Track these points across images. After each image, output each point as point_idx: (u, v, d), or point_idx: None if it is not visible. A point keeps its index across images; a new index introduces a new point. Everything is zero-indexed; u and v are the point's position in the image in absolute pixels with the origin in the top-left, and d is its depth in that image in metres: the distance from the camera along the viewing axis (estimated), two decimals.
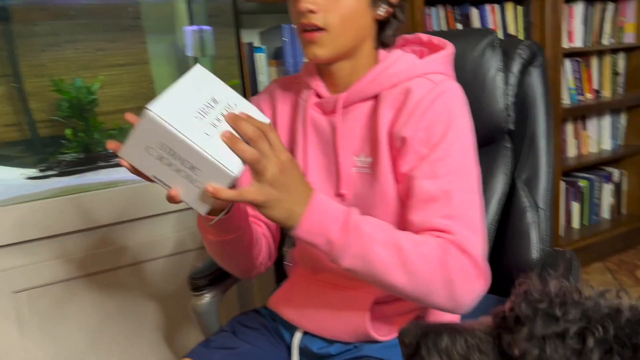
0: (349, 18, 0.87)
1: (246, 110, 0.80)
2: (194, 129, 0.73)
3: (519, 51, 1.13)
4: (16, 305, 1.25)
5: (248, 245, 0.93)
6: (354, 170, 0.93)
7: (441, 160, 0.84)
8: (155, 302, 1.43)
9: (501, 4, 2.43)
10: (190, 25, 1.72)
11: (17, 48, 1.57)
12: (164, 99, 0.73)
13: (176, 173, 0.74)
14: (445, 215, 0.81)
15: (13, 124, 1.61)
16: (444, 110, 0.86)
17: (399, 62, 0.92)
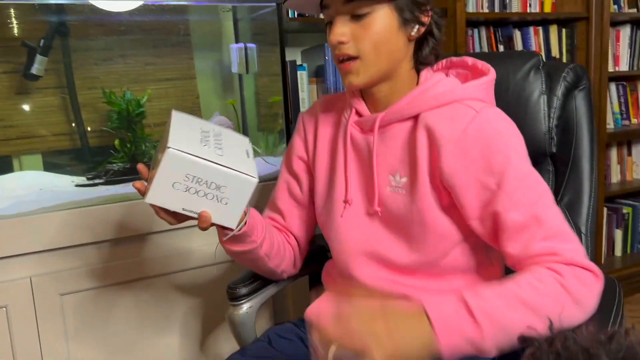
0: (381, 43, 0.88)
1: (229, 134, 0.92)
2: (208, 154, 0.82)
3: (564, 74, 1.12)
4: (62, 307, 1.29)
5: (266, 255, 1.01)
6: (388, 189, 0.94)
7: (517, 188, 0.84)
8: (193, 311, 1.45)
9: (545, 27, 2.41)
10: (236, 42, 1.77)
11: (73, 61, 1.64)
12: (175, 139, 0.81)
13: (204, 198, 0.83)
14: (542, 238, 0.83)
15: (65, 133, 1.69)
16: (495, 137, 0.86)
17: (439, 84, 0.92)
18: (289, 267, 1.09)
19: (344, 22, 0.88)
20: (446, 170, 0.87)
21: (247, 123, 1.84)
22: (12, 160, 1.64)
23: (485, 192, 0.86)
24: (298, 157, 1.08)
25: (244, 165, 0.85)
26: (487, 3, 2.26)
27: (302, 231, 1.11)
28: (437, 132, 0.88)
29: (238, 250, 0.97)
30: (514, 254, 0.85)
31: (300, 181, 1.08)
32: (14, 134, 1.62)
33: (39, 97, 1.64)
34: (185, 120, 0.90)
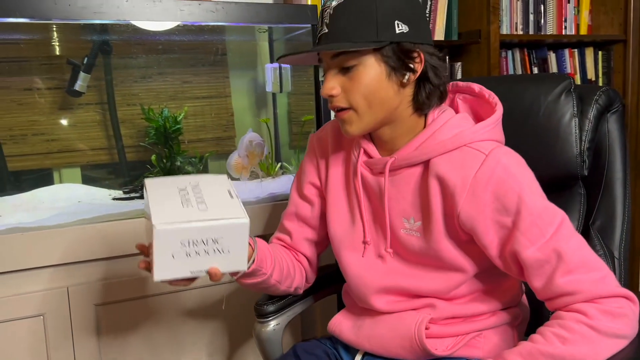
0: (370, 94, 0.89)
1: (206, 180, 0.94)
2: (192, 214, 0.84)
3: (596, 97, 1.11)
4: (96, 317, 1.33)
5: (277, 282, 1.04)
6: (403, 232, 0.96)
7: (533, 225, 0.85)
8: (221, 325, 1.47)
9: (581, 49, 2.39)
10: (271, 62, 1.81)
11: (114, 78, 1.71)
12: (156, 214, 0.84)
13: (207, 255, 0.85)
14: (564, 272, 0.83)
15: (104, 148, 1.75)
16: (506, 178, 0.86)
17: (446, 127, 0.92)
18: (300, 283, 1.12)
19: (334, 75, 0.89)
20: (463, 216, 0.88)
21: (280, 140, 1.87)
22: (53, 173, 1.71)
23: (503, 231, 0.87)
24: (310, 183, 1.10)
25: (231, 209, 0.87)
26: (522, 25, 2.26)
27: (310, 250, 1.13)
28: (449, 181, 0.89)
29: (250, 283, 1.01)
30: (539, 288, 0.86)
31: (312, 205, 1.10)
32: (55, 147, 1.69)
33: (81, 112, 1.71)
34: (160, 186, 0.92)
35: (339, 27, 0.86)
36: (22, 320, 1.26)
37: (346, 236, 1.03)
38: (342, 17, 0.86)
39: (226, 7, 1.38)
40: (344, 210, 1.04)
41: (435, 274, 0.95)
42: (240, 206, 0.88)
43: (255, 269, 0.97)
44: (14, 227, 1.27)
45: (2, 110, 1.62)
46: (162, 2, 1.32)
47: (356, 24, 0.86)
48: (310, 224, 1.11)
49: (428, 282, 0.95)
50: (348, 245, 1.03)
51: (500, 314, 0.99)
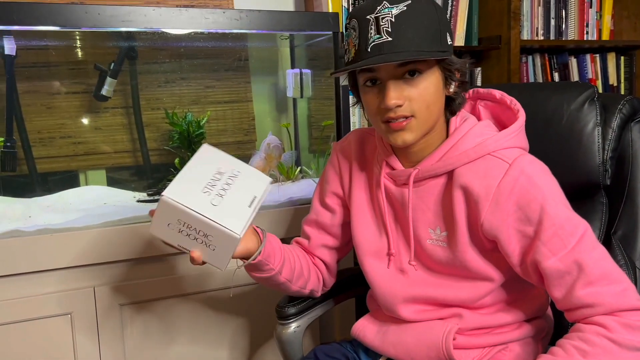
0: (432, 103, 0.90)
1: (248, 174, 0.98)
2: (201, 203, 0.89)
3: (620, 106, 1.11)
4: (121, 316, 1.36)
5: (288, 280, 1.06)
6: (429, 242, 0.97)
7: (554, 235, 0.85)
8: (243, 326, 1.49)
9: (602, 54, 2.38)
10: (292, 68, 1.83)
11: (139, 83, 1.75)
12: (176, 182, 0.90)
13: (195, 241, 0.91)
14: (585, 284, 0.84)
15: (129, 151, 1.78)
16: (529, 187, 0.87)
17: (469, 136, 0.93)
18: (316, 286, 1.13)
19: (397, 84, 0.88)
20: (487, 225, 0.89)
21: (300, 145, 1.89)
22: (79, 175, 1.75)
23: (525, 240, 0.88)
24: (332, 193, 1.11)
25: (235, 218, 0.90)
26: (543, 30, 2.25)
27: (328, 255, 1.13)
28: (473, 190, 0.90)
29: (257, 277, 1.03)
30: (559, 298, 0.87)
31: (333, 213, 1.11)
32: (82, 150, 1.73)
33: (107, 116, 1.75)
34: (207, 158, 0.97)
35: (407, 36, 0.85)
36: (50, 319, 1.30)
37: (371, 247, 1.04)
38: (408, 26, 0.85)
39: (250, 15, 1.41)
40: (369, 221, 1.05)
41: (462, 284, 0.96)
42: (247, 219, 0.92)
43: (262, 262, 0.99)
44: (44, 228, 1.30)
45: (32, 114, 1.66)
46: (188, 11, 1.35)
47: (423, 33, 0.86)
48: (330, 231, 1.12)
49: (455, 291, 0.96)
50: (373, 256, 1.04)
51: (526, 326, 0.99)
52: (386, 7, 0.86)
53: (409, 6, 0.86)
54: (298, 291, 1.10)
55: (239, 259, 0.99)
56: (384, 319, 1.07)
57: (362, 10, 0.88)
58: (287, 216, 1.50)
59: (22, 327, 1.28)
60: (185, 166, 0.94)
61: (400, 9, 0.86)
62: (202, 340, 1.45)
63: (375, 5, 0.87)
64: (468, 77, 0.97)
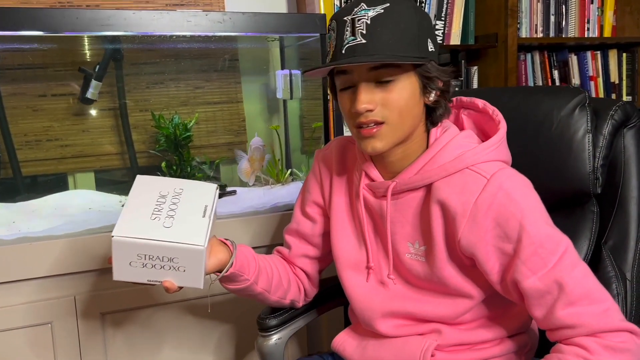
0: (405, 109, 0.86)
1: (192, 188, 0.96)
2: (154, 229, 0.87)
3: (611, 112, 1.07)
4: (103, 325, 1.34)
5: (265, 290, 1.04)
6: (408, 256, 0.94)
7: (533, 254, 0.82)
8: (227, 335, 1.48)
9: (604, 51, 2.32)
10: (282, 69, 1.80)
11: (126, 84, 1.72)
12: (122, 219, 0.88)
13: (162, 270, 0.88)
14: (565, 304, 0.81)
15: (116, 154, 1.76)
16: (507, 204, 0.84)
17: (448, 149, 0.90)
18: (297, 296, 1.11)
19: (369, 88, 0.85)
20: (464, 242, 0.86)
21: (290, 147, 1.86)
22: (67, 178, 1.73)
23: (505, 258, 0.85)
24: (313, 202, 1.09)
25: (193, 232, 0.88)
26: (542, 27, 2.20)
27: (309, 265, 1.12)
28: (450, 206, 0.87)
29: (233, 288, 1.01)
30: (539, 318, 0.84)
31: (314, 223, 1.09)
32: (69, 152, 1.71)
33: (94, 118, 1.72)
34: (145, 187, 0.95)
35: (381, 39, 0.83)
36: (30, 328, 1.28)
37: (350, 259, 1.02)
38: (383, 29, 0.83)
39: (234, 17, 1.38)
40: (348, 233, 1.03)
41: (441, 300, 0.93)
42: (205, 229, 0.89)
43: (235, 274, 0.97)
44: (23, 237, 1.29)
45: (18, 117, 1.64)
46: (169, 14, 1.32)
47: (399, 37, 0.83)
48: (311, 241, 1.10)
49: (434, 307, 0.94)
50: (352, 268, 1.02)
51: (508, 342, 0.97)
52: (363, 8, 0.84)
53: (386, 9, 0.83)
54: (278, 301, 1.09)
55: (213, 273, 0.97)
56: (363, 333, 1.04)
57: (341, 12, 0.87)
58: (274, 222, 1.47)
59: (1, 337, 1.26)
60: (126, 202, 0.92)
61: (377, 11, 0.83)
62: (186, 349, 1.43)
63: (353, 7, 0.85)
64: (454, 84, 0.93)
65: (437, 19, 2.00)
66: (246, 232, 1.42)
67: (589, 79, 2.31)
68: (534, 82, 2.25)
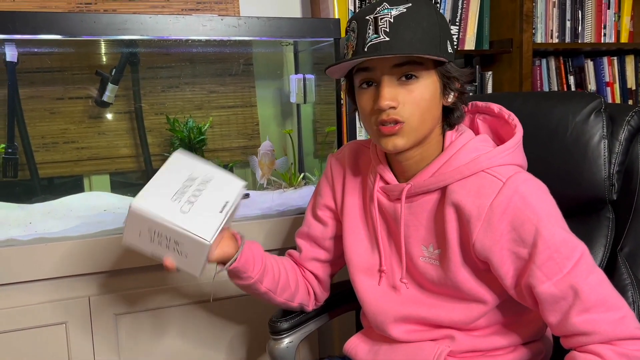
0: (426, 109, 0.87)
1: (221, 179, 0.97)
2: (171, 211, 0.88)
3: (628, 118, 1.06)
4: (116, 326, 1.35)
5: (270, 290, 1.04)
6: (422, 260, 0.93)
7: (549, 259, 0.81)
8: (239, 337, 1.48)
9: (620, 57, 2.30)
10: (295, 73, 1.81)
11: (142, 88, 1.74)
12: (145, 191, 0.90)
13: (167, 248, 0.90)
14: (580, 311, 0.80)
15: (131, 156, 1.78)
16: (523, 208, 0.83)
17: (463, 152, 0.90)
18: (306, 300, 1.11)
19: (392, 86, 0.85)
20: (478, 246, 0.85)
21: (303, 151, 1.86)
22: (83, 180, 1.75)
23: (519, 262, 0.84)
24: (325, 206, 1.09)
25: (205, 224, 0.89)
26: (558, 32, 2.19)
27: (320, 269, 1.11)
28: (464, 209, 0.86)
29: (238, 284, 1.03)
30: (554, 324, 0.83)
31: (325, 226, 1.09)
32: (85, 155, 1.73)
33: (109, 121, 1.74)
34: (179, 165, 0.97)
35: (404, 37, 0.83)
36: (44, 328, 1.30)
37: (363, 263, 1.01)
38: (406, 28, 0.83)
39: (248, 22, 1.39)
40: (361, 236, 1.02)
41: (455, 304, 0.92)
42: (217, 225, 0.91)
43: (239, 270, 0.98)
44: (39, 238, 1.30)
45: (36, 119, 1.66)
46: (185, 18, 1.33)
47: (422, 36, 0.84)
48: (321, 244, 1.10)
49: (448, 312, 0.93)
50: (364, 272, 1.01)
51: (522, 350, 0.96)
52: (386, 7, 0.84)
53: (408, 8, 0.84)
54: (284, 303, 1.09)
55: (217, 264, 0.98)
56: (376, 337, 1.04)
57: (362, 12, 0.87)
58: (286, 225, 1.48)
59: (16, 336, 1.28)
60: (156, 174, 0.94)
61: (399, 10, 0.84)
62: (198, 351, 1.44)
63: (375, 7, 0.86)
64: (469, 89, 0.93)
65: (452, 24, 1.99)
66: (258, 235, 1.42)
67: (605, 85, 2.29)
68: (549, 87, 2.23)
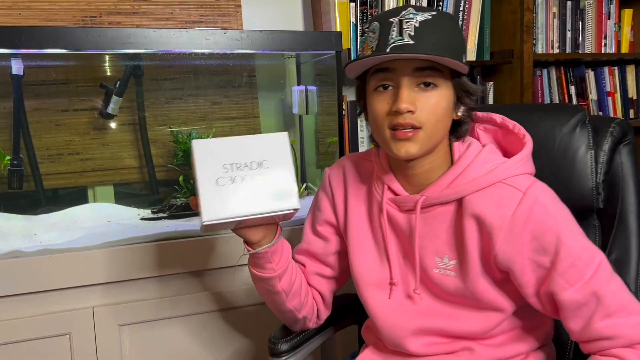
0: (441, 117, 0.87)
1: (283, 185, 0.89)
2: (210, 172, 0.85)
3: (610, 129, 1.09)
4: (120, 337, 1.36)
5: (284, 291, 0.99)
6: (436, 271, 0.93)
7: (571, 266, 0.83)
8: (243, 348, 1.48)
9: (621, 67, 2.31)
10: (298, 84, 1.82)
11: (145, 100, 1.76)
12: (216, 141, 0.87)
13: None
14: (604, 316, 0.82)
15: (135, 167, 1.79)
16: (544, 217, 0.84)
17: (477, 163, 0.90)
18: (310, 314, 1.07)
19: (411, 89, 0.85)
20: (501, 256, 0.86)
21: (306, 161, 1.88)
22: (87, 191, 1.77)
23: (540, 270, 0.85)
24: (325, 221, 1.06)
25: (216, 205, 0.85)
26: (558, 43, 2.20)
27: (325, 285, 1.08)
28: (485, 220, 0.86)
29: (257, 275, 0.98)
30: (576, 330, 0.84)
31: (327, 242, 1.06)
32: (89, 166, 1.75)
33: (113, 133, 1.76)
34: (269, 143, 0.91)
35: (429, 42, 0.83)
36: (49, 339, 1.31)
37: (373, 277, 0.99)
38: (431, 34, 0.84)
39: (251, 35, 1.40)
40: (369, 250, 1.00)
41: (472, 314, 0.92)
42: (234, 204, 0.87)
43: (266, 257, 0.95)
44: (43, 249, 1.31)
45: (41, 131, 1.68)
46: (188, 32, 1.35)
47: (445, 44, 0.84)
48: (324, 260, 1.07)
49: (466, 322, 0.92)
50: (374, 286, 0.99)
51: (533, 356, 0.96)
52: (411, 12, 0.85)
53: (433, 16, 0.85)
54: (291, 311, 1.04)
55: (245, 244, 0.96)
56: (388, 352, 1.01)
57: (386, 15, 0.87)
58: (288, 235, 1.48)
59: (20, 347, 1.29)
60: (244, 136, 0.90)
61: (425, 17, 0.84)
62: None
63: (400, 10, 0.86)
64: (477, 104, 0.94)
65: None
66: None
67: (606, 95, 2.30)
68: (550, 97, 2.24)
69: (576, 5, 2.21)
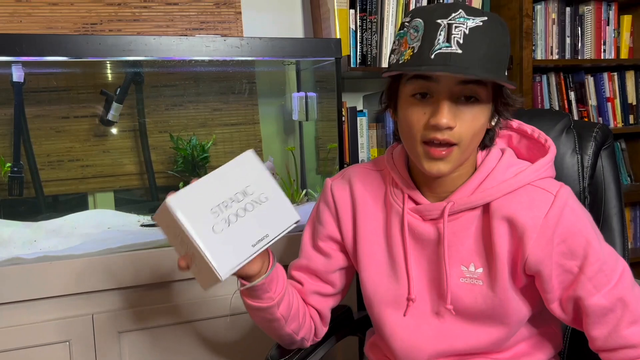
0: (478, 132, 0.83)
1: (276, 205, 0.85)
2: (202, 223, 0.78)
3: (594, 134, 1.12)
4: (120, 344, 1.36)
5: (283, 317, 0.93)
6: (462, 280, 0.89)
7: (599, 271, 0.82)
8: (242, 354, 1.48)
9: (621, 72, 2.32)
10: (298, 91, 1.83)
11: (146, 106, 1.76)
12: (189, 189, 0.81)
13: (186, 251, 0.81)
14: (629, 322, 0.81)
15: (135, 174, 1.80)
16: (575, 220, 0.84)
17: (501, 167, 0.88)
18: (308, 334, 1.02)
19: (452, 104, 0.80)
20: (532, 259, 0.83)
21: (305, 167, 1.88)
22: (88, 197, 1.77)
23: (567, 275, 0.84)
24: (328, 237, 1.00)
25: (227, 257, 0.80)
26: (558, 49, 2.21)
27: (323, 304, 1.02)
28: (518, 222, 0.84)
29: (254, 306, 0.91)
30: (600, 337, 0.83)
31: (329, 258, 1.00)
32: (90, 172, 1.75)
33: (114, 140, 1.77)
34: (241, 170, 0.85)
35: (478, 52, 0.77)
36: (48, 346, 1.30)
37: (388, 295, 0.94)
38: (481, 43, 0.77)
39: (251, 42, 1.41)
40: (383, 265, 0.94)
41: (493, 324, 0.89)
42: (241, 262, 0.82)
43: (264, 287, 0.88)
44: (43, 256, 1.31)
45: (42, 138, 1.69)
46: (189, 39, 1.36)
47: (492, 55, 0.78)
48: (324, 278, 1.01)
49: (485, 336, 0.89)
50: (391, 304, 0.94)
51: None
52: (462, 16, 0.77)
53: (484, 22, 0.78)
54: (289, 335, 0.98)
55: (238, 278, 0.88)
56: None
57: (432, 13, 0.79)
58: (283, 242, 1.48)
59: (20, 354, 1.29)
60: (212, 172, 0.84)
61: (476, 22, 0.77)
62: None
63: (450, 12, 0.78)
64: None
65: None
66: None
67: (606, 100, 2.30)
68: (550, 103, 2.25)
69: (575, 11, 2.22)
